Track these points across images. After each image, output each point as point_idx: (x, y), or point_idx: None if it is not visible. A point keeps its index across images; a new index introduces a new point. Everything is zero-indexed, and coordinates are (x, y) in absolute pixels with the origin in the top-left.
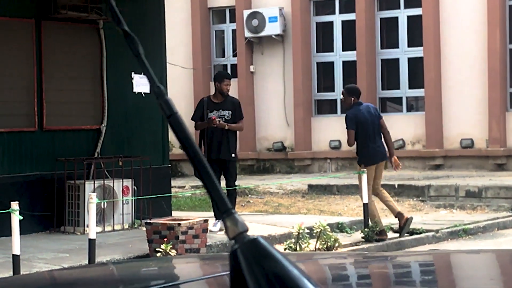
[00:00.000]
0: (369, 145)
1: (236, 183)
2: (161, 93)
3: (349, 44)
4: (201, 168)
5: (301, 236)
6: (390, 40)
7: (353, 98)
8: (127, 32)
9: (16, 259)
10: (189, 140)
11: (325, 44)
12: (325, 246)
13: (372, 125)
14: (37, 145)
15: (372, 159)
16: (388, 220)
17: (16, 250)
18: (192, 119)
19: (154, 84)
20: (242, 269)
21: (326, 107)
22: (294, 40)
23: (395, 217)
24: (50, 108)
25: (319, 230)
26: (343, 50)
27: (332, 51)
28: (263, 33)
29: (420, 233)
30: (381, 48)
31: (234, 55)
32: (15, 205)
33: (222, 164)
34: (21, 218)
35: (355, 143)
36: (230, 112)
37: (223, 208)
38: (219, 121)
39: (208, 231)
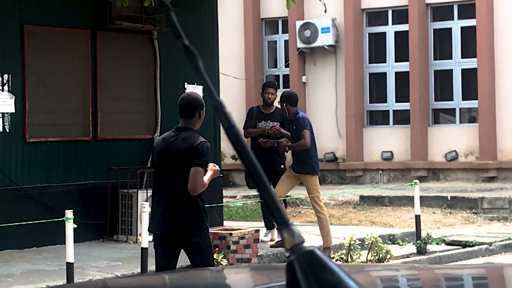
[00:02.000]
0: (315, 154)
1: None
2: (220, 107)
3: (401, 55)
4: (258, 179)
5: (352, 248)
6: (443, 51)
7: (284, 104)
8: (187, 46)
9: (70, 267)
10: (246, 152)
11: (377, 54)
12: (376, 258)
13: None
14: (91, 154)
15: (318, 168)
16: (440, 232)
17: (70, 258)
18: (243, 128)
19: (214, 97)
20: (298, 280)
21: (379, 118)
22: (347, 51)
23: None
24: (104, 117)
25: (370, 241)
26: (395, 61)
27: (385, 62)
28: (315, 44)
29: (473, 245)
30: (434, 59)
31: (287, 66)
32: (69, 213)
33: (270, 175)
34: (75, 226)
35: (299, 151)
36: (278, 123)
37: (280, 220)
38: (272, 126)
39: (260, 241)
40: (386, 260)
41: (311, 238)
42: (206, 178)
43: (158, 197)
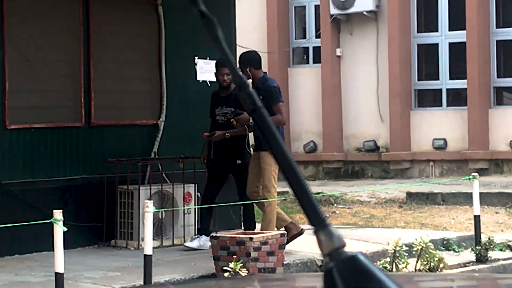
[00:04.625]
0: (279, 128)
1: (320, 189)
2: (243, 85)
3: (457, 22)
4: (289, 170)
5: (398, 255)
6: (508, 17)
7: (247, 69)
8: (204, 13)
9: (59, 277)
10: (275, 138)
11: (427, 22)
12: (427, 267)
13: None
14: (84, 143)
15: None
16: (504, 236)
17: (60, 268)
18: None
19: (236, 74)
20: None
21: (429, 99)
22: (390, 18)
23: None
24: (99, 99)
25: (420, 247)
26: (449, 30)
27: (437, 30)
28: (352, 9)
29: None
30: (497, 27)
31: (317, 36)
32: (58, 214)
33: (222, 173)
34: (65, 229)
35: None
36: (232, 109)
37: (315, 220)
38: (212, 134)
39: (285, 247)
40: (439, 269)
41: (350, 243)
42: None
43: None
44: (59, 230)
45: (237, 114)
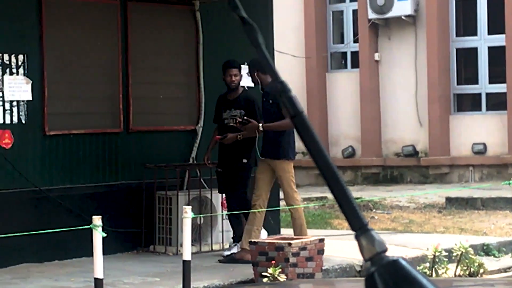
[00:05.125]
0: (293, 135)
1: (358, 194)
2: (284, 89)
3: (496, 25)
4: (330, 175)
5: (437, 260)
6: None
7: (255, 73)
8: (245, 19)
9: (98, 283)
10: (316, 144)
11: (466, 26)
12: (467, 272)
13: None
14: (122, 149)
15: (294, 152)
16: None
17: (99, 273)
18: (214, 122)
19: (277, 78)
20: None
21: (468, 103)
22: (429, 22)
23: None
24: (138, 105)
25: (459, 252)
26: (489, 34)
27: (476, 34)
28: (390, 14)
29: None
30: None
31: (356, 41)
32: (97, 220)
33: (225, 173)
34: (104, 235)
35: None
36: (242, 112)
37: (357, 224)
38: (224, 137)
39: (323, 253)
40: (479, 274)
41: (389, 249)
42: None
43: None
44: (98, 236)
45: (245, 122)
